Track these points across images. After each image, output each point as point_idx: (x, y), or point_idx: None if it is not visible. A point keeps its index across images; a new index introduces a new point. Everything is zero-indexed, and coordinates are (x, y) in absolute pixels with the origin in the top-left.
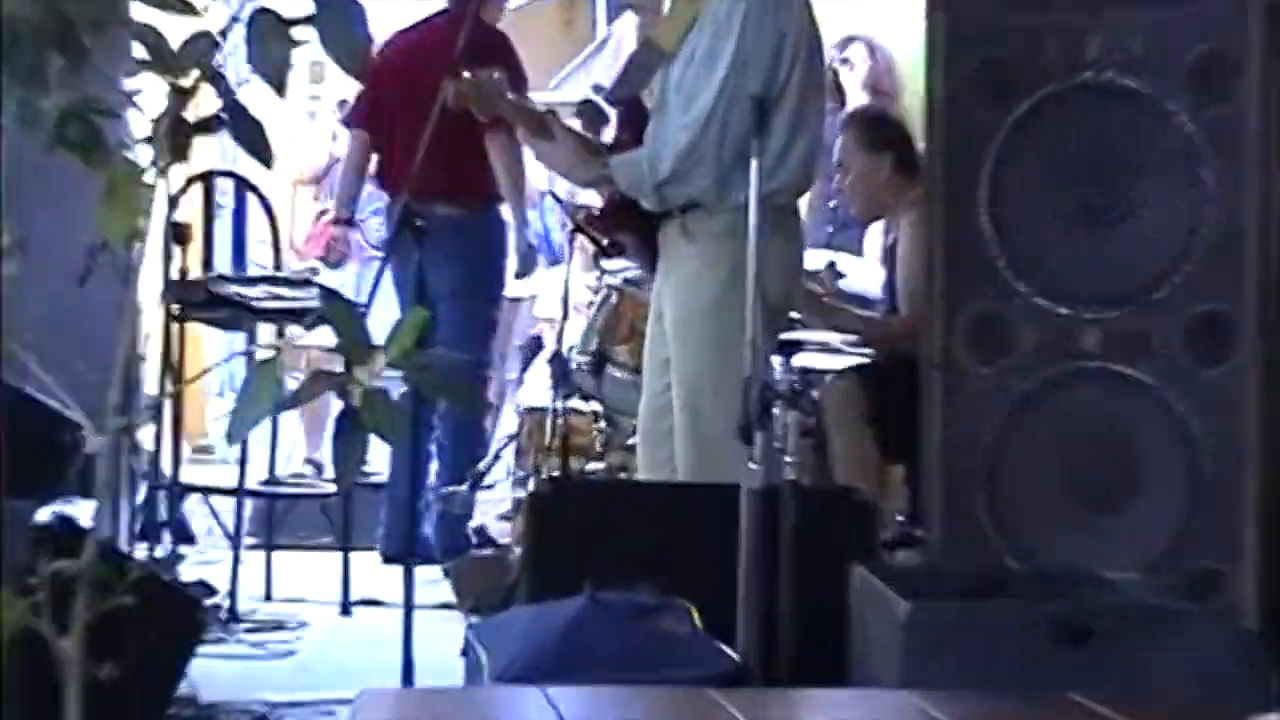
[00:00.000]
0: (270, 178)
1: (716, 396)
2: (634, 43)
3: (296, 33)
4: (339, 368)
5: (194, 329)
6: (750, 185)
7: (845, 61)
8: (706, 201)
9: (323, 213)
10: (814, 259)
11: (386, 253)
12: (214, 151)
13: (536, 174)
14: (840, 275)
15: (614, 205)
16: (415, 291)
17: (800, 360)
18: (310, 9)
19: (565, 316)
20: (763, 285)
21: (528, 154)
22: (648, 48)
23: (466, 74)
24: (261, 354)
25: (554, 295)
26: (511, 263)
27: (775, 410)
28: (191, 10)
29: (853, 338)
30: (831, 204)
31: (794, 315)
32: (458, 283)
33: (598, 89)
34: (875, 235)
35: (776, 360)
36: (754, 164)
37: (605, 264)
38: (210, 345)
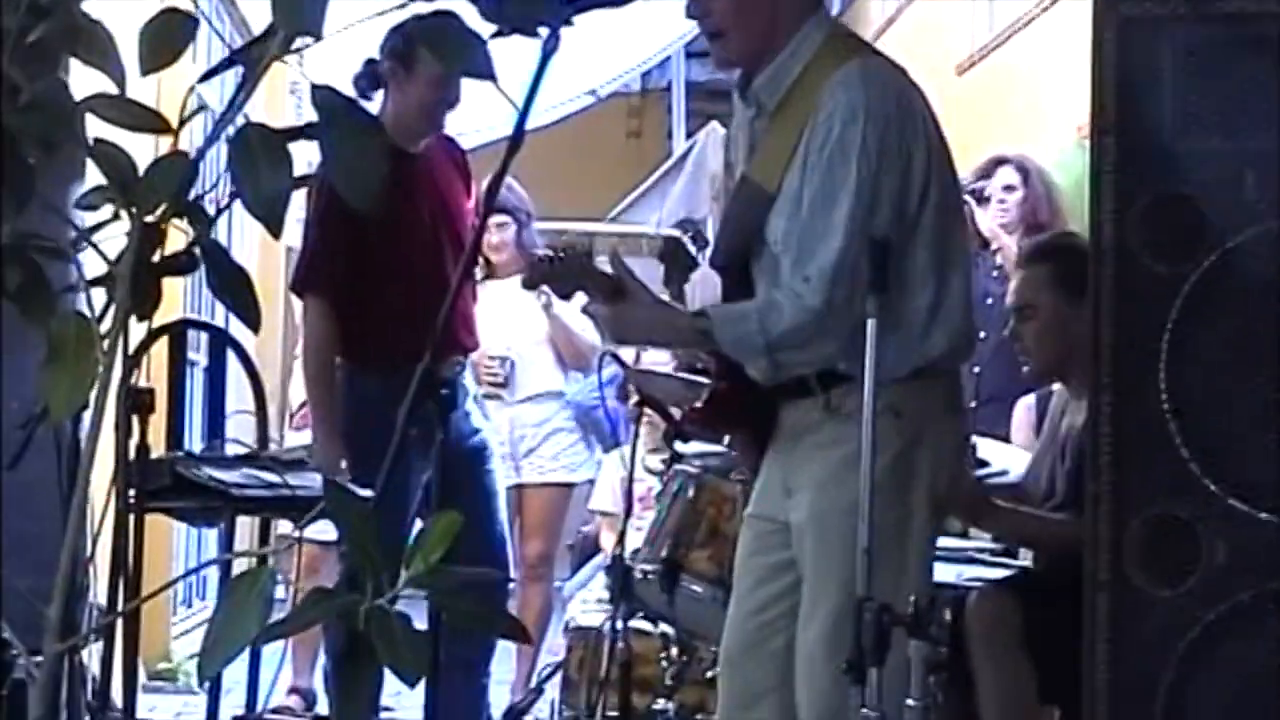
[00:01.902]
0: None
1: None
2: (718, 161)
3: (298, 152)
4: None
5: (157, 522)
6: (868, 350)
7: (978, 196)
8: (844, 368)
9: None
10: None
11: (402, 429)
12: (183, 294)
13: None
14: (982, 464)
15: (721, 396)
16: (439, 480)
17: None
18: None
19: (628, 512)
20: (924, 475)
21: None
22: (748, 189)
23: (545, 251)
24: (243, 560)
25: (613, 484)
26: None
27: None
28: (164, 127)
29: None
30: (974, 369)
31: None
32: (476, 457)
33: (686, 225)
34: (1024, 411)
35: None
36: (870, 325)
37: (679, 445)
38: (177, 543)
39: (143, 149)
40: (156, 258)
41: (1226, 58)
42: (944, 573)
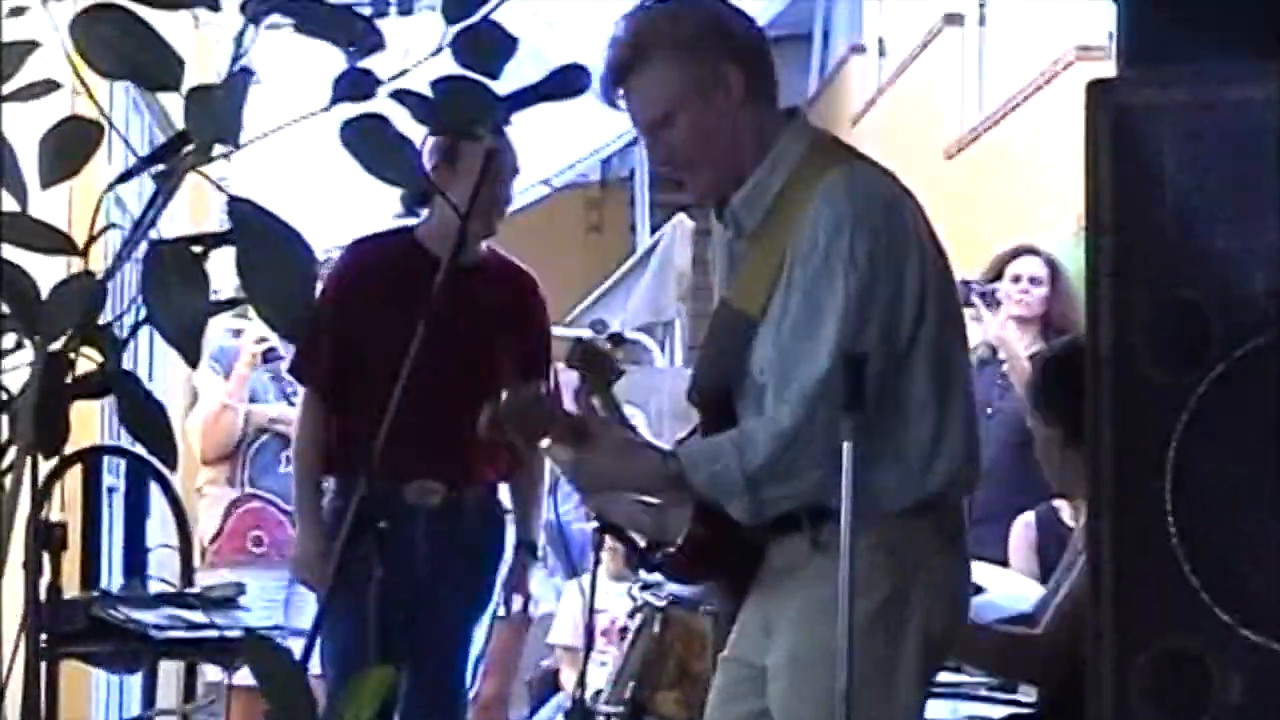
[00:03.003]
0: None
1: None
2: (685, 256)
3: (215, 271)
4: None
5: (73, 669)
6: (844, 477)
7: (988, 299)
8: (834, 503)
9: (236, 502)
10: None
11: (340, 559)
12: (101, 413)
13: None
14: (977, 589)
15: (700, 540)
16: (379, 617)
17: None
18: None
19: (589, 647)
20: (917, 619)
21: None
22: (728, 315)
23: (506, 393)
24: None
25: (574, 616)
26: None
27: None
28: (69, 248)
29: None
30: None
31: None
32: (435, 593)
33: (597, 325)
34: (1023, 529)
35: None
36: (846, 449)
37: (645, 574)
38: (95, 691)
39: (52, 265)
40: (68, 379)
41: (1232, 148)
42: (937, 709)
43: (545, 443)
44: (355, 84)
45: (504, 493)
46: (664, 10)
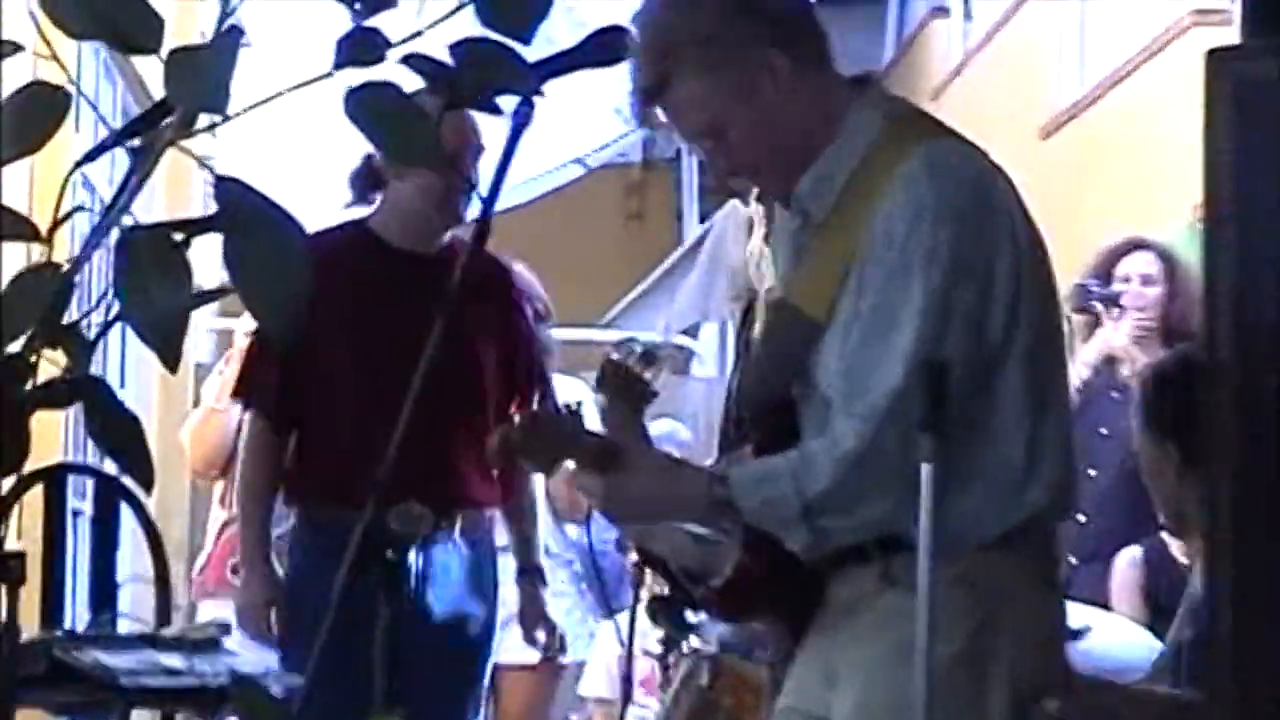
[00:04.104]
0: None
1: None
2: (739, 250)
3: (199, 260)
4: None
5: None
6: (923, 503)
7: (1109, 302)
8: (906, 534)
9: (227, 524)
10: None
11: (338, 599)
12: (64, 427)
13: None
14: (1077, 634)
15: (749, 573)
16: (387, 665)
17: None
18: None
19: (627, 700)
20: (1004, 664)
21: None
22: (788, 316)
23: (519, 417)
24: None
25: (609, 663)
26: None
27: None
28: (31, 233)
29: None
30: (1079, 518)
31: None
32: (426, 635)
33: (627, 345)
34: (1128, 568)
35: None
36: (925, 471)
37: (691, 615)
38: None
39: (10, 253)
40: (28, 386)
41: None
42: None
43: (571, 468)
44: (362, 46)
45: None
46: (679, 1)
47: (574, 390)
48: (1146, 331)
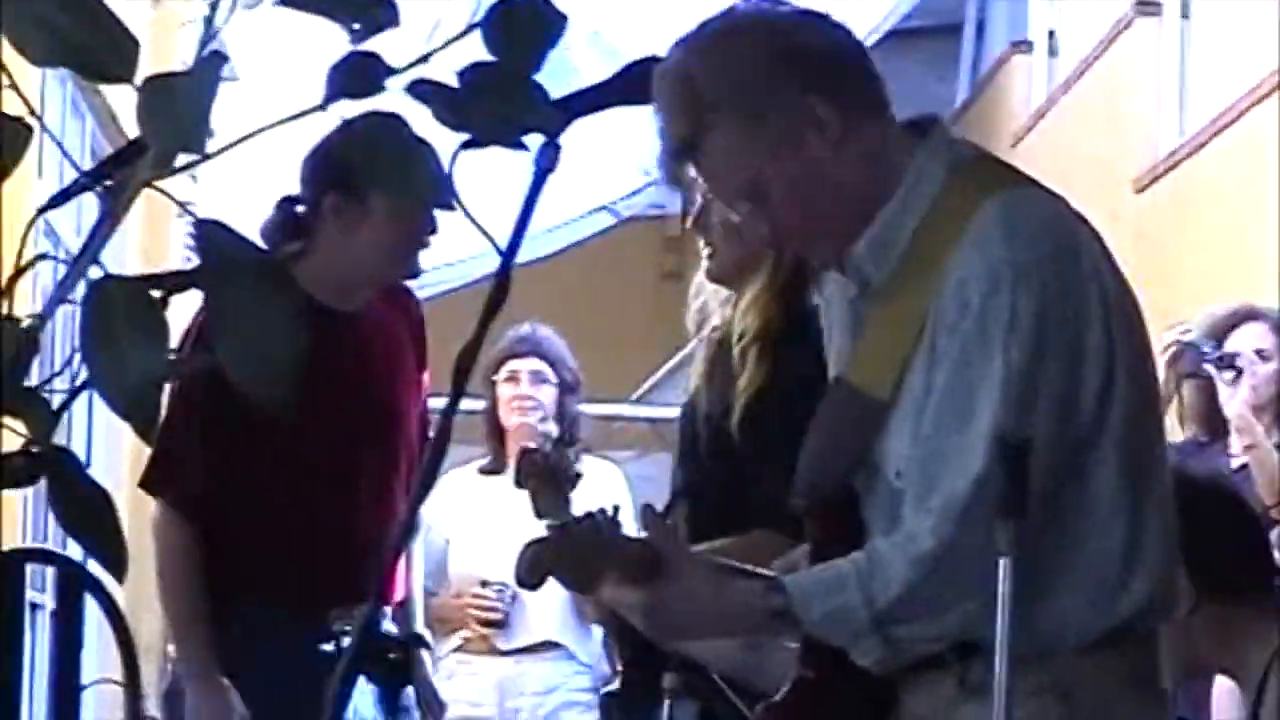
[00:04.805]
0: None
1: None
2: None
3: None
4: None
5: None
6: (1000, 604)
7: (1223, 364)
8: (991, 636)
9: None
10: None
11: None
12: (22, 508)
13: None
14: None
15: (811, 689)
16: None
17: None
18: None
19: None
20: None
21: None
22: (848, 396)
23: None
24: None
25: None
26: None
27: None
28: None
29: None
30: None
31: None
32: None
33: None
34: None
35: None
36: (1003, 566)
37: None
38: None
39: None
40: None
41: None
42: None
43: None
44: (359, 73)
45: None
46: (710, 47)
47: (604, 473)
48: (1260, 407)
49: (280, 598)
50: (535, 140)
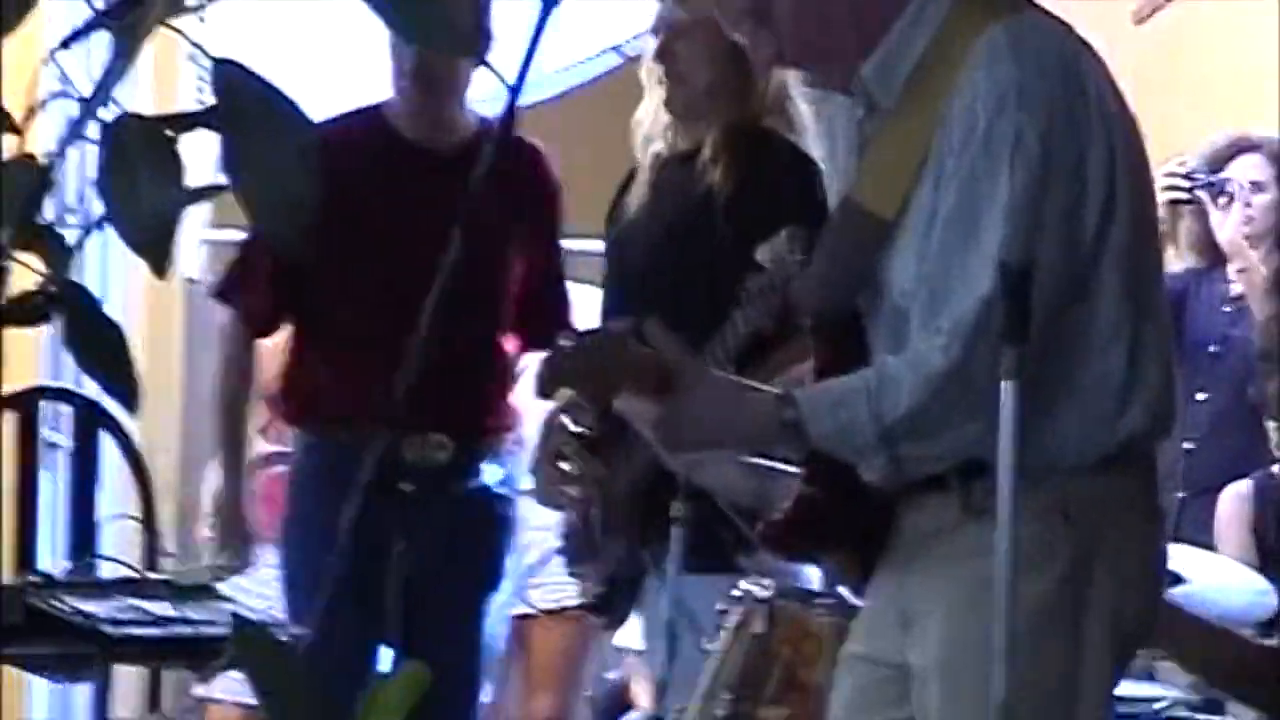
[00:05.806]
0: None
1: None
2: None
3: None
4: None
5: (4, 675)
6: (1003, 425)
7: (1215, 191)
8: (993, 458)
9: (271, 455)
10: None
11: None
12: (39, 350)
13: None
14: (1177, 579)
15: (812, 505)
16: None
17: None
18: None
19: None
20: (1104, 602)
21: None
22: (854, 216)
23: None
24: None
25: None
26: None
27: None
28: (4, 123)
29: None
30: (1185, 446)
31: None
32: (439, 575)
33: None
34: (1234, 502)
35: None
36: (1005, 391)
37: (743, 558)
38: (31, 705)
39: None
40: None
41: None
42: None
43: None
44: None
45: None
46: None
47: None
48: (1253, 234)
49: (326, 422)
50: None
